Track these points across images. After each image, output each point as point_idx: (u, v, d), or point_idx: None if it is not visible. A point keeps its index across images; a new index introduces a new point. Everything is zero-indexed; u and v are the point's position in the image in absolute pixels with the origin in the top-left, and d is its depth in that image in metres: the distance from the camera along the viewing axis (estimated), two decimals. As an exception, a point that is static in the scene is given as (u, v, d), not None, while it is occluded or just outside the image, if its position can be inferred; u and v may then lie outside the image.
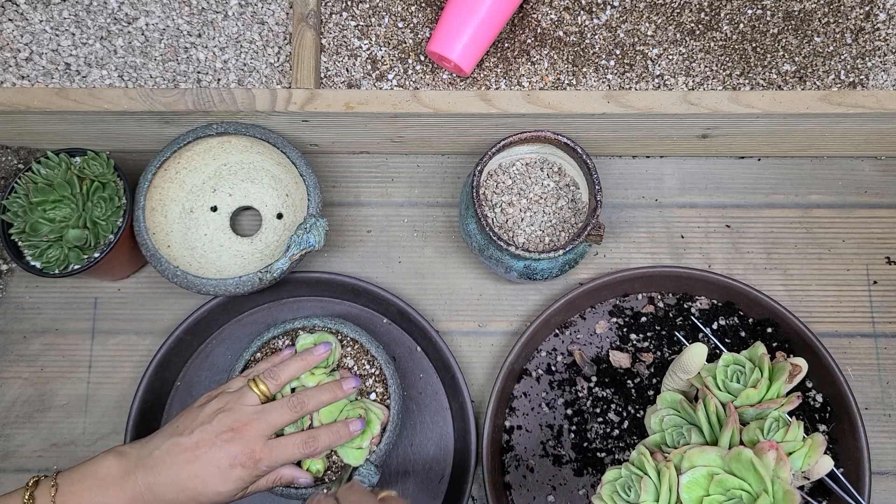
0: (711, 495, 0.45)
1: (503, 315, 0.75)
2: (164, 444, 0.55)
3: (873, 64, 0.71)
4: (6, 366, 0.74)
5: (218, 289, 0.66)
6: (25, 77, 0.69)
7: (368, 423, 0.63)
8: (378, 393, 0.66)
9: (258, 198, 0.75)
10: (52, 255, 0.64)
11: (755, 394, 0.51)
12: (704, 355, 0.53)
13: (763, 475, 0.44)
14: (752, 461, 0.45)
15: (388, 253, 0.77)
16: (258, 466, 0.55)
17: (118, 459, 0.54)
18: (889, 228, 0.77)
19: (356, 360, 0.67)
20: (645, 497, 0.46)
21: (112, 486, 0.52)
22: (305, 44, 0.69)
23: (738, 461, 0.45)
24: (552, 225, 0.70)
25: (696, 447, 0.47)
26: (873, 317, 0.75)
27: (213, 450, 0.54)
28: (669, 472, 0.46)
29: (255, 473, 0.56)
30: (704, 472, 0.46)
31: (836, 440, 0.69)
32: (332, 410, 0.62)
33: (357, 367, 0.67)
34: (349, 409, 0.63)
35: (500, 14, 0.66)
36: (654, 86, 0.70)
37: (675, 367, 0.54)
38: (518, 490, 0.69)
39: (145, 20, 0.71)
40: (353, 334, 0.66)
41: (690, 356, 0.53)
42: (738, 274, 0.75)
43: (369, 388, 0.66)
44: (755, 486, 0.45)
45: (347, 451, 0.62)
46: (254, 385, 0.59)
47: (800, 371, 0.52)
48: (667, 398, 0.55)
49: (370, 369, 0.66)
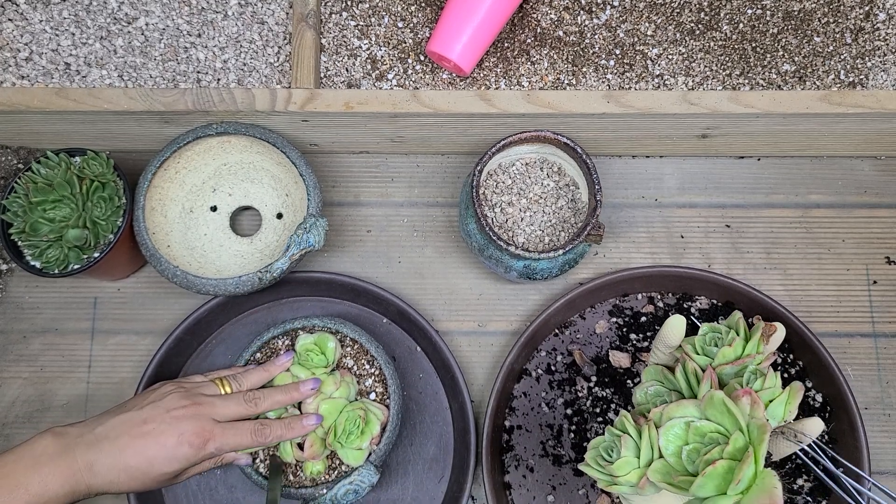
0: (690, 444, 0.45)
1: (503, 315, 0.75)
2: (109, 421, 0.52)
3: (873, 64, 0.71)
4: (6, 366, 0.74)
5: (218, 289, 0.66)
6: (25, 77, 0.69)
7: (368, 423, 0.63)
8: (378, 393, 0.66)
9: (258, 198, 0.75)
10: (52, 255, 0.64)
11: (731, 351, 0.52)
12: (683, 326, 0.54)
13: (736, 414, 0.45)
14: (725, 402, 0.45)
15: (388, 253, 0.77)
16: (206, 447, 0.53)
17: (56, 438, 0.51)
18: (889, 228, 0.77)
19: (356, 360, 0.67)
20: (625, 453, 0.47)
21: (47, 464, 0.49)
22: (305, 44, 0.69)
23: (711, 406, 0.46)
24: (552, 225, 0.70)
25: (675, 403, 0.48)
26: (873, 317, 0.75)
27: (162, 426, 0.52)
28: (649, 429, 0.47)
29: (201, 455, 0.53)
30: (682, 423, 0.46)
31: (836, 440, 0.69)
32: (331, 410, 0.62)
33: (357, 366, 0.67)
34: (349, 409, 0.63)
35: (499, 14, 0.66)
36: (654, 86, 0.70)
37: (657, 342, 0.55)
38: (518, 490, 0.69)
39: (145, 20, 0.71)
40: (353, 334, 0.66)
41: (670, 328, 0.54)
42: (737, 274, 0.75)
43: (369, 388, 0.66)
44: (730, 428, 0.45)
45: (347, 453, 0.62)
46: (218, 383, 0.59)
47: (775, 331, 0.53)
48: (650, 371, 0.55)
49: (370, 369, 0.66)
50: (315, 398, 0.63)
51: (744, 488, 0.42)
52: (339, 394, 0.64)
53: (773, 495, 0.41)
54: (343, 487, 0.62)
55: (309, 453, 0.62)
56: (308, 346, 0.65)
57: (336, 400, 0.63)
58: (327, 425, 0.62)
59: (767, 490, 0.41)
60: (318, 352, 0.65)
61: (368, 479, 0.62)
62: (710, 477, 0.43)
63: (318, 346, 0.65)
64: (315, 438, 0.63)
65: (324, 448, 0.63)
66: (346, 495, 0.62)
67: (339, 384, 0.64)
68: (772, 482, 0.41)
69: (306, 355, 0.64)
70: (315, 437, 0.63)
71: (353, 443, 0.62)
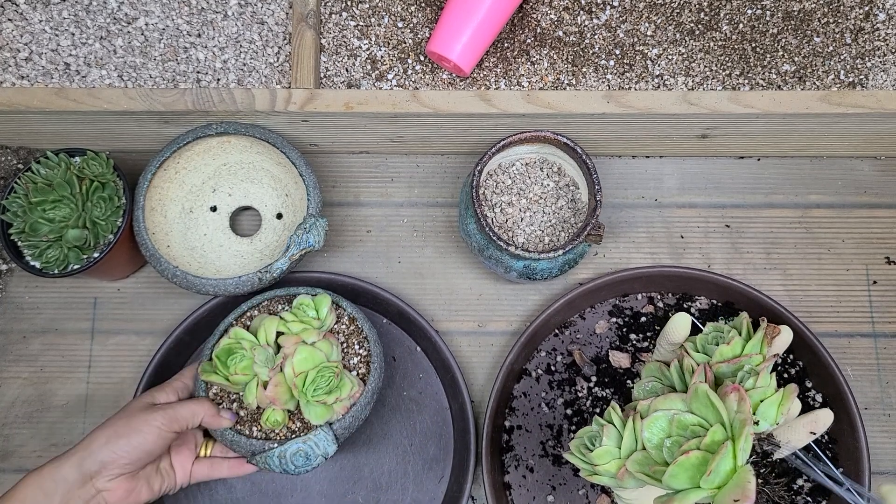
0: (672, 436, 0.45)
1: (503, 315, 0.75)
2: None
3: (873, 64, 0.71)
4: (6, 366, 0.73)
5: (217, 289, 0.66)
6: (25, 77, 0.69)
7: (340, 384, 0.59)
8: (360, 373, 0.63)
9: (258, 198, 0.75)
10: (52, 255, 0.64)
11: (729, 349, 0.51)
12: (688, 324, 0.54)
13: (719, 408, 0.44)
14: (709, 395, 0.45)
15: (388, 253, 0.77)
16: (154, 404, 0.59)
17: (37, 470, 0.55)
18: (889, 228, 0.77)
19: (347, 337, 0.65)
20: (607, 442, 0.47)
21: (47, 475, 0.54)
22: (305, 44, 0.69)
23: (696, 399, 0.46)
24: (552, 225, 0.70)
25: (662, 396, 0.47)
26: (873, 317, 0.75)
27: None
28: (634, 420, 0.47)
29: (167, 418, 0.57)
30: (667, 415, 0.46)
31: (835, 440, 0.69)
32: (307, 357, 0.59)
33: (346, 343, 0.65)
34: (325, 365, 0.59)
35: (499, 14, 0.66)
36: (654, 86, 0.70)
37: (661, 339, 0.56)
38: (518, 490, 0.69)
39: (145, 20, 0.71)
40: (352, 311, 0.65)
41: (675, 325, 0.54)
42: (737, 274, 0.75)
43: (352, 367, 0.64)
44: (712, 422, 0.45)
45: (310, 408, 0.59)
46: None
47: (779, 333, 0.52)
48: (650, 368, 0.55)
49: (358, 350, 0.64)
50: (295, 345, 0.60)
51: (719, 482, 0.41)
52: (321, 347, 0.60)
53: (746, 490, 0.39)
54: (294, 445, 0.58)
55: (270, 393, 0.58)
56: (305, 301, 0.62)
57: (315, 350, 0.60)
58: (299, 370, 0.59)
59: (741, 485, 0.40)
60: (312, 307, 0.62)
61: (324, 445, 0.58)
62: (681, 466, 0.42)
63: (315, 304, 0.63)
64: (282, 381, 0.59)
65: (288, 396, 0.59)
66: (295, 455, 0.58)
67: (323, 341, 0.61)
68: (747, 478, 0.40)
69: (300, 308, 0.62)
70: (282, 381, 0.59)
71: (319, 397, 0.58)
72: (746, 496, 0.39)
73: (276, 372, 0.59)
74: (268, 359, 0.59)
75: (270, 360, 0.60)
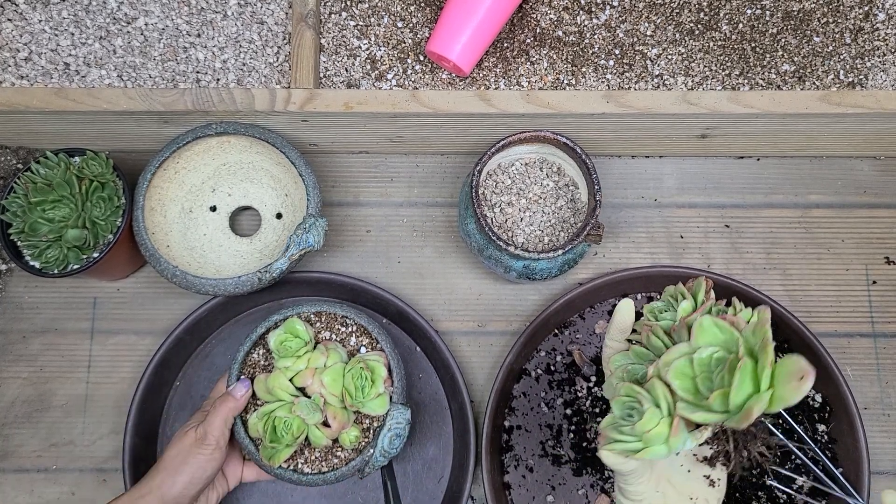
0: (699, 374, 0.45)
1: (502, 315, 0.75)
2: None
3: (872, 64, 0.71)
4: (5, 366, 0.74)
5: (217, 289, 0.66)
6: (24, 77, 0.69)
7: (373, 371, 0.62)
8: (366, 344, 0.65)
9: (257, 198, 0.75)
10: (52, 255, 0.64)
11: (689, 304, 0.51)
12: (633, 308, 0.54)
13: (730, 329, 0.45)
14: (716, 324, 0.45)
15: (388, 253, 0.77)
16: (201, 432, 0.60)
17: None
18: (888, 228, 0.77)
19: (330, 328, 0.66)
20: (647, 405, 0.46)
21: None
22: (304, 44, 0.69)
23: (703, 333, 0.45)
24: (551, 225, 0.70)
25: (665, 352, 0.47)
26: (872, 317, 0.75)
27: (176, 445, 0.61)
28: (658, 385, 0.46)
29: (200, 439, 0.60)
30: (683, 360, 0.46)
31: (835, 440, 0.69)
32: (333, 376, 0.61)
33: (333, 334, 0.66)
34: (349, 369, 0.62)
35: (499, 14, 0.66)
36: (654, 86, 0.70)
37: (611, 333, 0.54)
38: (517, 490, 0.69)
39: (144, 20, 0.71)
40: (314, 308, 0.65)
41: (623, 313, 0.53)
42: (737, 274, 0.75)
43: (356, 345, 0.65)
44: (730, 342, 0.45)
45: (370, 405, 0.62)
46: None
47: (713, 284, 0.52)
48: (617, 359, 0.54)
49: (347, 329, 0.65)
50: (314, 376, 0.62)
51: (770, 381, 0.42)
52: (332, 360, 0.63)
53: (802, 366, 0.40)
54: (385, 437, 0.61)
55: (335, 425, 0.61)
56: (281, 338, 0.63)
57: (332, 366, 0.62)
58: (337, 391, 0.61)
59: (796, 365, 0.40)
60: (291, 338, 0.63)
61: (403, 416, 0.62)
62: (744, 372, 0.42)
63: (289, 333, 0.64)
64: (334, 410, 0.61)
65: (346, 414, 0.62)
66: (392, 442, 0.62)
67: (328, 353, 0.63)
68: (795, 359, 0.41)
69: (284, 346, 0.63)
70: (333, 409, 0.61)
71: (370, 394, 0.61)
72: (806, 370, 0.40)
73: (323, 407, 0.61)
74: (310, 405, 0.61)
75: (312, 404, 0.61)
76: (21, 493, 0.70)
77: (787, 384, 0.41)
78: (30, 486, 0.71)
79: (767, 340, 0.43)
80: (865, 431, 0.66)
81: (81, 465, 0.71)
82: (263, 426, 0.61)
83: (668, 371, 0.45)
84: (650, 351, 0.51)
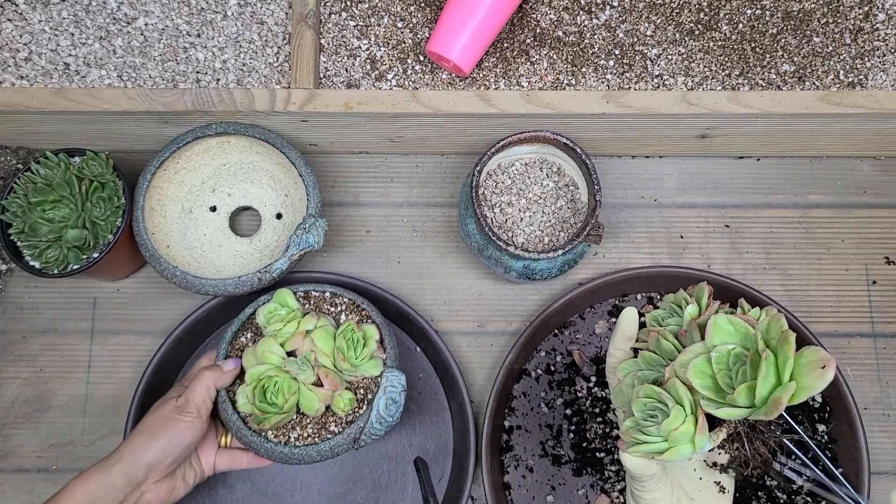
0: (718, 371, 0.45)
1: (502, 315, 0.75)
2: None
3: (872, 64, 0.71)
4: (5, 366, 0.73)
5: (217, 289, 0.66)
6: (24, 77, 0.69)
7: (365, 333, 0.62)
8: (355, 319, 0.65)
9: (257, 198, 0.75)
10: (52, 256, 0.64)
11: (694, 308, 0.51)
12: (636, 315, 0.53)
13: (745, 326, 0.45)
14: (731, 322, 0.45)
15: (388, 253, 0.77)
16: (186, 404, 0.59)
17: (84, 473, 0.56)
18: (888, 228, 0.77)
19: (318, 307, 0.65)
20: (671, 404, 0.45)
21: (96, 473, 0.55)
22: (304, 44, 0.68)
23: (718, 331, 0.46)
24: (551, 225, 0.70)
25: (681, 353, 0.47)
26: (872, 317, 0.75)
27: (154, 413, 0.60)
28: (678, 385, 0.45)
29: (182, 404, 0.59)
30: (701, 360, 0.46)
31: (835, 440, 0.69)
32: (324, 336, 0.61)
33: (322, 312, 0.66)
34: (341, 331, 0.61)
35: (499, 14, 0.66)
36: (654, 86, 0.70)
37: (616, 342, 0.54)
38: (517, 490, 0.69)
39: (144, 20, 0.71)
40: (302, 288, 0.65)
41: (627, 320, 0.53)
42: (737, 274, 0.75)
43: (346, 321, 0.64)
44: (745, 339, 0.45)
45: (364, 365, 0.61)
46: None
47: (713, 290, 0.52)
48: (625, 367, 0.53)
49: (335, 309, 0.65)
50: (304, 338, 0.61)
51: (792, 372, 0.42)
52: (322, 323, 0.62)
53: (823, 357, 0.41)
54: (380, 401, 0.60)
55: (328, 384, 0.60)
56: (271, 308, 0.63)
57: (323, 327, 0.61)
58: (329, 350, 0.60)
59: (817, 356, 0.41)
60: (280, 307, 0.63)
61: (397, 380, 0.61)
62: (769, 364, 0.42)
63: (279, 303, 0.63)
64: (327, 371, 0.60)
65: (339, 377, 0.61)
66: (387, 407, 0.61)
67: (318, 318, 0.62)
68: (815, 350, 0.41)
69: (273, 314, 0.62)
70: (326, 370, 0.60)
71: (363, 353, 0.61)
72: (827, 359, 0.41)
73: (315, 365, 0.60)
74: (302, 362, 0.60)
75: (304, 361, 0.60)
76: (21, 493, 0.70)
77: (810, 373, 0.41)
78: (30, 486, 0.71)
79: (788, 333, 0.43)
80: (865, 431, 0.66)
81: (81, 466, 0.71)
82: (253, 391, 0.59)
83: (687, 370, 0.45)
84: (660, 356, 0.51)
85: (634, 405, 0.48)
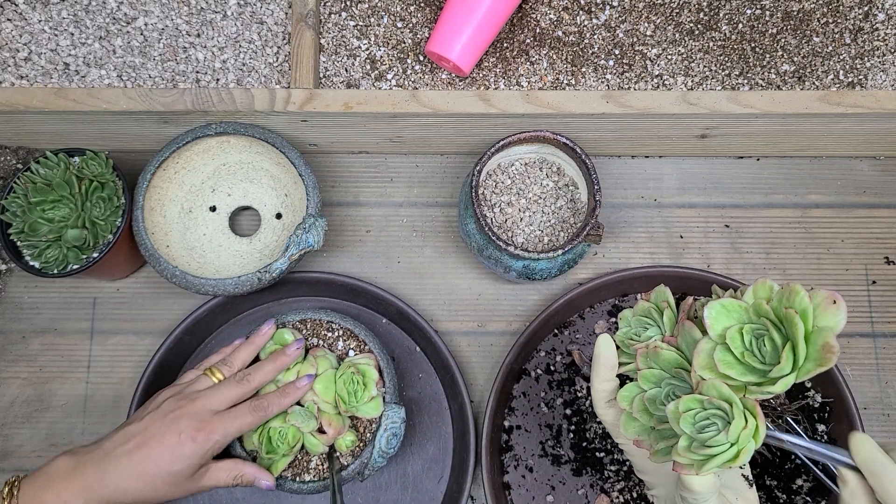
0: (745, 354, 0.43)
1: (502, 315, 0.75)
2: (113, 437, 0.55)
3: (872, 64, 0.71)
4: (5, 366, 0.73)
5: (217, 289, 0.66)
6: (24, 77, 0.69)
7: (364, 374, 0.63)
8: (353, 347, 0.66)
9: (257, 198, 0.75)
10: (51, 255, 0.64)
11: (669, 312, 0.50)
12: (612, 340, 0.51)
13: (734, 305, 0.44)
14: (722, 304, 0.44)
15: (388, 253, 0.77)
16: (210, 438, 0.55)
17: (68, 457, 0.54)
18: (888, 228, 0.77)
19: (316, 334, 0.66)
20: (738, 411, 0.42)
21: (60, 480, 0.52)
22: (304, 44, 0.69)
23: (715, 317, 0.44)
24: (551, 225, 0.70)
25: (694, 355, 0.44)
26: (872, 317, 0.75)
27: (162, 429, 0.54)
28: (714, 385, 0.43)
29: (207, 447, 0.55)
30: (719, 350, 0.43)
31: (835, 440, 0.69)
32: (325, 383, 0.62)
33: (320, 340, 0.66)
34: (340, 374, 0.62)
35: (499, 14, 0.66)
36: (653, 86, 0.70)
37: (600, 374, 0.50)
38: (517, 490, 0.69)
39: (144, 20, 0.71)
40: (297, 316, 0.66)
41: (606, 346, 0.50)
42: (737, 274, 0.75)
43: (344, 349, 0.66)
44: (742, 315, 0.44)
45: (364, 408, 0.62)
46: (209, 373, 0.60)
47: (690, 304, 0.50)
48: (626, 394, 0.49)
49: (332, 334, 0.66)
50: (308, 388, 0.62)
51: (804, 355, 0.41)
52: (322, 368, 0.63)
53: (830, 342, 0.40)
54: (382, 438, 0.62)
55: (331, 431, 0.61)
56: (269, 349, 0.64)
57: (323, 374, 0.63)
58: (330, 398, 0.62)
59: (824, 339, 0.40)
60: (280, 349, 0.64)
61: (398, 416, 0.62)
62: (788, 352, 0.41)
63: (279, 344, 0.65)
64: (329, 416, 0.62)
65: (341, 420, 0.63)
66: (389, 442, 0.62)
67: (317, 362, 0.63)
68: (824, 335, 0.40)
69: None
70: (328, 416, 0.62)
71: (363, 398, 0.62)
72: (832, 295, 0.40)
73: (318, 415, 0.62)
74: (304, 413, 0.61)
75: (307, 412, 0.61)
76: (21, 494, 0.71)
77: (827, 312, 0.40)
78: (29, 486, 0.71)
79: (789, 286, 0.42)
80: (865, 431, 0.66)
81: (81, 466, 0.71)
82: (258, 437, 0.61)
83: (717, 365, 0.43)
84: (662, 368, 0.49)
85: (682, 421, 0.44)
